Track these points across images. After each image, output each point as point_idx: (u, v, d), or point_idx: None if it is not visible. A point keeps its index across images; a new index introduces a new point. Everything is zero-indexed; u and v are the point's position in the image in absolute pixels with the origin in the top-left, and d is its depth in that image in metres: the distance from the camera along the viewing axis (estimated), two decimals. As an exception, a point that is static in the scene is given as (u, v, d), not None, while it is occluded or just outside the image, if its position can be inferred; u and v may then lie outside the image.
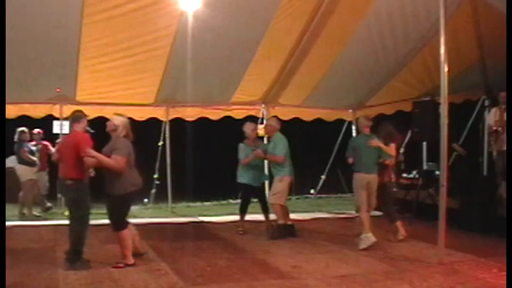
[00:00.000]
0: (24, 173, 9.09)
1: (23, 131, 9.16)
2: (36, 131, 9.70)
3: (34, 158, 9.24)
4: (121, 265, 5.45)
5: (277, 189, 7.27)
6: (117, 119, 5.71)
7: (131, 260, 5.51)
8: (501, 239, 5.38)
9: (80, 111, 5.97)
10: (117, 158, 5.39)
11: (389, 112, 10.85)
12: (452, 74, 5.79)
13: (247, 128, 7.71)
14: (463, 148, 9.46)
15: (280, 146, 7.31)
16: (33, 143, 9.60)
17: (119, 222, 5.53)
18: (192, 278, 5.11)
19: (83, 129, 5.69)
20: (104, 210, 5.71)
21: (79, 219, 5.52)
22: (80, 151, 5.38)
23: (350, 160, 6.85)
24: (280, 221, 7.29)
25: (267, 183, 8.34)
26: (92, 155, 5.36)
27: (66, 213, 8.47)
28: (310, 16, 8.11)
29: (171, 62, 8.34)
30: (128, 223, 5.63)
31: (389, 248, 6.52)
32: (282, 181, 7.27)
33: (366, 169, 6.66)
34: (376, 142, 6.69)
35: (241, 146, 7.62)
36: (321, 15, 8.07)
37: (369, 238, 6.46)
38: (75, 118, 5.73)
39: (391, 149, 6.95)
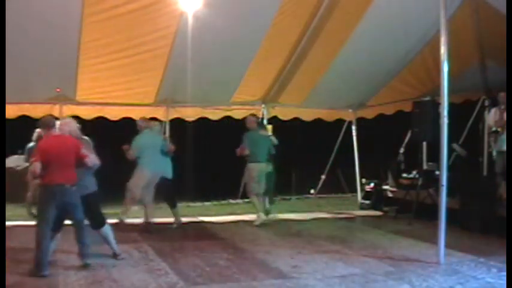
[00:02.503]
0: None
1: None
2: (38, 131, 9.69)
3: None
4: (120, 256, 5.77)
5: (131, 181, 7.75)
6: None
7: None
8: (501, 239, 5.39)
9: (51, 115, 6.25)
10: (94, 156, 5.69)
11: (389, 112, 10.84)
12: (452, 74, 5.78)
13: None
14: (463, 148, 9.46)
15: (134, 140, 7.81)
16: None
17: (103, 216, 5.78)
18: (192, 278, 5.12)
19: None
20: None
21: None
22: (81, 154, 5.44)
23: (246, 151, 8.19)
24: (122, 216, 7.83)
25: None
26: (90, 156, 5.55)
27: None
28: (310, 16, 8.11)
29: (171, 62, 8.33)
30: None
31: (389, 248, 6.53)
32: (137, 174, 7.72)
33: (261, 159, 8.22)
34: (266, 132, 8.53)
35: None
36: (321, 15, 8.07)
37: (260, 216, 8.20)
38: (64, 121, 5.82)
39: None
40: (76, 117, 9.20)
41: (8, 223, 7.15)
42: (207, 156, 13.19)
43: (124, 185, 7.93)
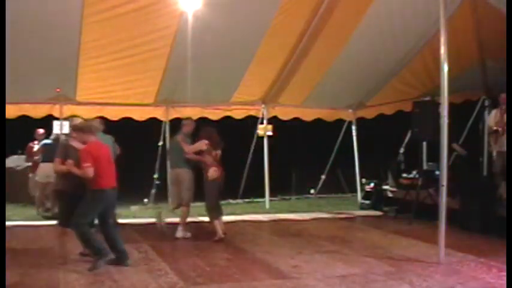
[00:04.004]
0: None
1: None
2: (40, 131, 9.70)
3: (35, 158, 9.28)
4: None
5: None
6: None
7: None
8: (501, 239, 5.38)
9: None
10: None
11: (389, 112, 10.84)
12: (452, 74, 5.78)
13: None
14: (463, 148, 9.47)
15: None
16: (36, 142, 9.61)
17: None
18: (192, 278, 5.12)
19: None
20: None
21: None
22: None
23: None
24: None
25: None
26: None
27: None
28: (310, 16, 8.12)
29: (171, 62, 8.34)
30: None
31: (389, 248, 6.53)
32: None
33: (173, 165, 7.54)
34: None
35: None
36: (321, 15, 8.07)
37: (180, 231, 7.25)
38: (95, 127, 6.00)
39: (200, 144, 7.28)
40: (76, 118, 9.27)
41: (8, 223, 7.16)
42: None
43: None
